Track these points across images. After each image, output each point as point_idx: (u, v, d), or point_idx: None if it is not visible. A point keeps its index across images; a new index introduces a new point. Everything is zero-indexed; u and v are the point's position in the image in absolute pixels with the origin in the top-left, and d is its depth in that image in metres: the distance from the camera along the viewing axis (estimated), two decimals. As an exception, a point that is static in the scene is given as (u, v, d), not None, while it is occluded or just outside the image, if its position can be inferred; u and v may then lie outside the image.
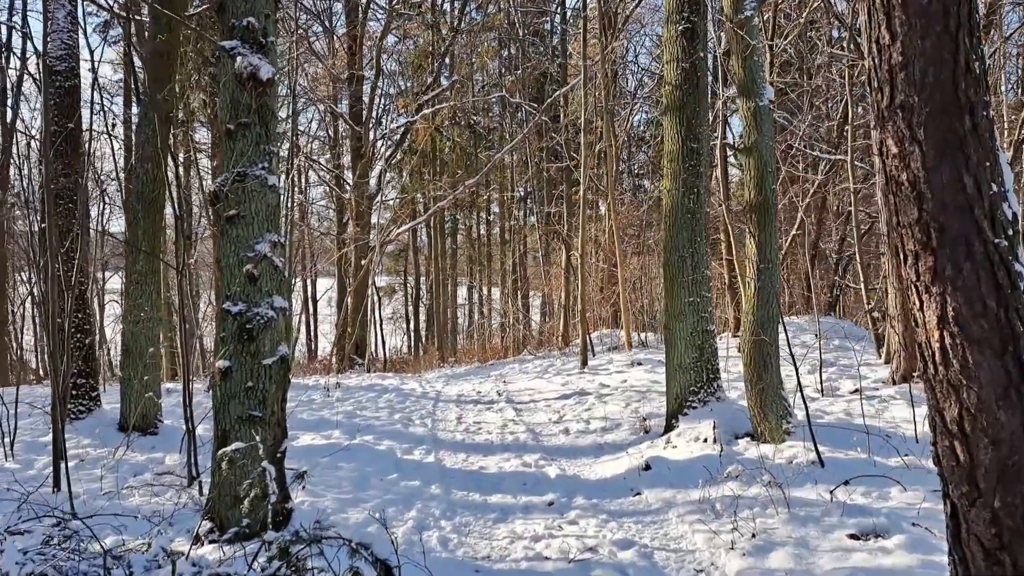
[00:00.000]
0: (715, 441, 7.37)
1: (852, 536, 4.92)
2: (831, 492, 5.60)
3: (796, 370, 7.01)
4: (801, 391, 6.96)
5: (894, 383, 10.12)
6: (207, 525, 5.41)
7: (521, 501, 6.83)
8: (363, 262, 21.08)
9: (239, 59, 5.63)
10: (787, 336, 7.00)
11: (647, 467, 7.21)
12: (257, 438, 4.97)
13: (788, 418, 7.37)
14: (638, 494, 6.69)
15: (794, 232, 17.38)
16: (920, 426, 7.23)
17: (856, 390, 10.09)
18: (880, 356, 12.15)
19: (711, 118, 11.62)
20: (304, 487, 6.79)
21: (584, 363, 14.59)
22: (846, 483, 5.61)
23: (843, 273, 21.58)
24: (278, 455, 5.56)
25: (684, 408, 8.18)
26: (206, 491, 6.13)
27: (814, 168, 18.73)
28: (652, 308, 20.88)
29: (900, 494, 5.66)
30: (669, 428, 8.26)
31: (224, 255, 5.62)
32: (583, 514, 6.27)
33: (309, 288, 31.67)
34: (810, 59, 21.13)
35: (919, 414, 7.46)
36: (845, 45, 14.16)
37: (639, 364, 13.84)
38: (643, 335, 17.96)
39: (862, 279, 12.72)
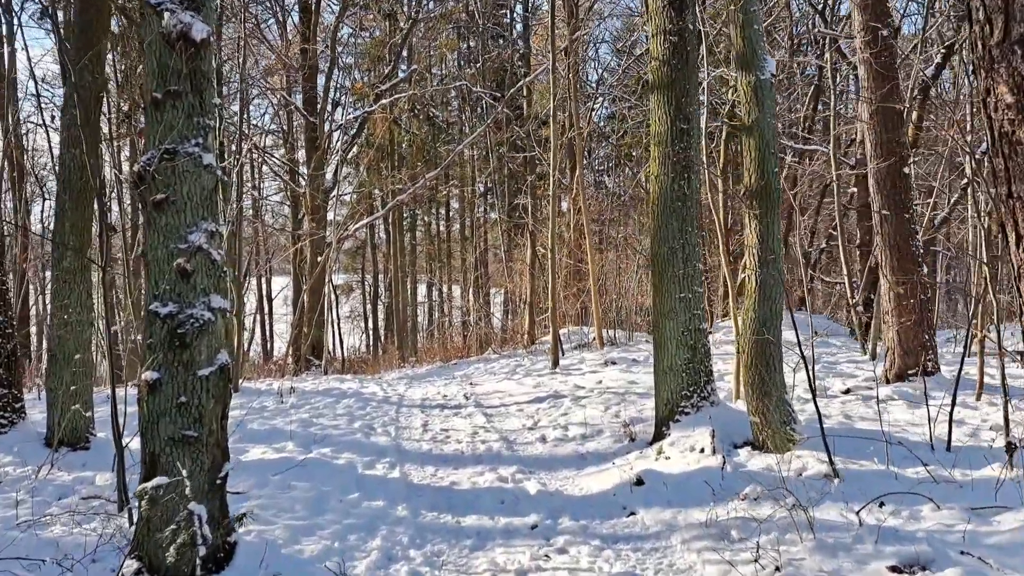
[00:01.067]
0: (714, 451, 6.64)
1: (894, 569, 4.21)
2: (857, 513, 4.90)
3: (811, 372, 6.30)
4: (814, 395, 6.25)
5: (888, 382, 9.55)
6: (134, 565, 4.57)
7: (500, 524, 6.05)
8: (319, 259, 20.22)
9: (167, 16, 4.75)
10: (797, 335, 6.29)
11: (639, 482, 6.44)
12: (184, 472, 4.11)
13: (793, 424, 6.68)
14: (632, 514, 5.94)
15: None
16: (935, 429, 6.61)
17: (847, 390, 9.52)
18: (865, 353, 11.62)
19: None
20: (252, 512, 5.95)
21: (555, 363, 13.84)
22: (881, 504, 4.91)
23: (814, 267, 21.18)
24: (217, 482, 4.72)
25: (676, 414, 7.43)
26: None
27: (782, 150, 18.32)
28: (619, 304, 20.26)
29: (934, 513, 5.00)
30: (659, 436, 7.53)
31: (152, 247, 4.75)
32: (573, 540, 5.50)
33: (264, 287, 30.52)
34: (773, 53, 20.71)
35: (924, 417, 6.86)
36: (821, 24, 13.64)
37: (613, 363, 13.15)
38: (612, 332, 17.31)
39: (845, 272, 12.16)
